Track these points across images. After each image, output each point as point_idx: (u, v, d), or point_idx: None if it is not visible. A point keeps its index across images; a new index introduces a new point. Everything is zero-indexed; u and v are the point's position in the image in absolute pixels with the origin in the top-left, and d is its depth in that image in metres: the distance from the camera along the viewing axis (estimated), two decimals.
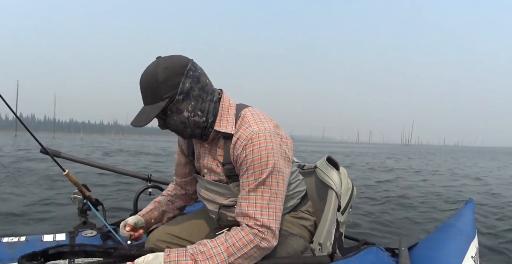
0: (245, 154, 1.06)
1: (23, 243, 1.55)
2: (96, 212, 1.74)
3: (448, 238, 1.60)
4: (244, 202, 1.07)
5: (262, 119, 1.12)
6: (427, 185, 7.16)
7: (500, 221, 3.95)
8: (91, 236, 1.67)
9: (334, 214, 1.31)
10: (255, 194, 1.06)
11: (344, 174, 1.41)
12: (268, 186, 1.06)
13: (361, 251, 1.45)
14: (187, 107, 1.07)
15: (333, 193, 1.33)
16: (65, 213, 3.59)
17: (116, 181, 5.89)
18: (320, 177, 1.40)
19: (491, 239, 3.17)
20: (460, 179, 8.79)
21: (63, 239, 1.62)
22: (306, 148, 35.29)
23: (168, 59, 1.05)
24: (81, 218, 1.77)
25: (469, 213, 1.87)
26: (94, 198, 1.82)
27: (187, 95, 1.06)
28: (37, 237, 1.62)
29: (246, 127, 1.09)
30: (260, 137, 1.06)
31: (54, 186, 5.45)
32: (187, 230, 1.36)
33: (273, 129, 1.11)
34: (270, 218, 1.05)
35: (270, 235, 1.05)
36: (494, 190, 6.64)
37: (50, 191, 5.02)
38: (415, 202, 4.98)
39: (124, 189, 5.24)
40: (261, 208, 1.05)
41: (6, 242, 1.54)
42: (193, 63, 1.08)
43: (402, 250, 1.51)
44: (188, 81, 1.05)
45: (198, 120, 1.09)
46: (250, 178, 1.07)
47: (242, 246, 1.03)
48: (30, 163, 8.87)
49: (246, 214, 1.06)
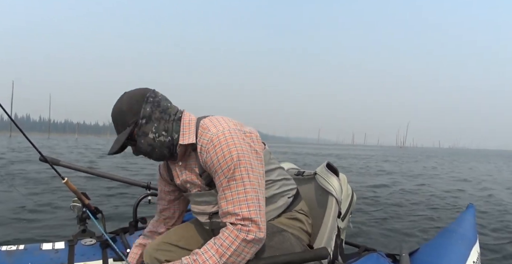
0: (210, 157, 1.10)
1: (22, 251, 1.54)
2: (95, 220, 1.73)
3: (449, 243, 1.59)
4: (222, 201, 1.09)
5: (220, 121, 1.17)
6: (428, 189, 7.15)
7: (501, 224, 3.93)
8: (90, 244, 1.66)
9: (335, 221, 1.31)
10: (229, 191, 1.08)
11: (344, 180, 1.42)
12: (240, 180, 1.07)
13: (361, 257, 1.44)
14: (151, 129, 1.15)
15: (334, 199, 1.33)
16: (64, 220, 3.57)
17: (115, 188, 5.86)
18: (320, 183, 1.40)
19: (493, 244, 3.16)
20: (459, 182, 8.80)
21: (62, 248, 1.61)
22: (302, 150, 35.25)
23: (131, 92, 1.19)
24: (80, 227, 1.76)
25: (470, 218, 1.86)
26: (94, 206, 1.81)
27: (149, 118, 1.15)
28: (36, 245, 1.61)
29: (205, 132, 1.14)
30: (219, 136, 1.10)
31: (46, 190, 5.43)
32: (185, 239, 1.36)
33: (232, 126, 1.14)
34: (250, 210, 1.05)
35: (254, 226, 1.04)
36: (494, 194, 6.63)
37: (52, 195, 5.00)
38: (415, 207, 4.97)
39: (124, 196, 5.22)
40: (239, 202, 1.06)
41: (4, 250, 1.53)
42: (154, 92, 1.19)
43: (403, 256, 1.51)
44: (148, 106, 1.15)
45: (164, 139, 1.16)
46: (221, 177, 1.09)
47: (230, 244, 1.03)
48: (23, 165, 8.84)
49: (227, 212, 1.08)
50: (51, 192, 5.33)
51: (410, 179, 9.50)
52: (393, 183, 8.25)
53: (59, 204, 4.40)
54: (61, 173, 1.58)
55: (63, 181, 1.70)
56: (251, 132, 1.19)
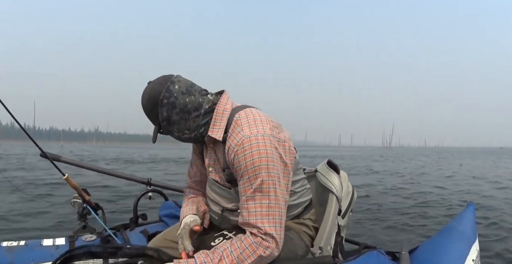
0: (238, 160, 1.06)
1: (23, 247, 1.54)
2: (96, 216, 1.73)
3: (449, 241, 1.59)
4: (244, 211, 1.07)
5: (257, 121, 1.10)
6: (426, 187, 7.16)
7: (500, 222, 3.93)
8: (90, 240, 1.66)
9: (335, 218, 1.31)
10: (253, 202, 1.05)
11: (344, 178, 1.41)
12: (266, 193, 1.04)
13: (362, 254, 1.44)
14: (174, 129, 1.17)
15: (334, 197, 1.33)
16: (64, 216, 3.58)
17: (115, 184, 5.88)
18: (320, 181, 1.40)
19: (492, 241, 3.16)
20: (456, 180, 8.79)
21: (63, 244, 1.61)
22: None
23: (149, 88, 1.15)
24: (80, 223, 1.76)
25: (469, 216, 1.87)
26: (94, 202, 1.81)
27: (169, 122, 1.15)
28: (37, 241, 1.61)
29: (238, 132, 1.09)
30: (251, 141, 1.05)
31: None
32: None
33: (268, 131, 1.08)
34: (271, 226, 1.04)
35: (274, 243, 1.04)
36: (490, 191, 6.63)
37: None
38: (414, 205, 4.98)
39: (124, 192, 5.23)
40: (261, 216, 1.04)
41: (5, 246, 1.53)
42: (168, 89, 1.12)
43: (403, 254, 1.51)
44: (164, 110, 1.13)
45: (189, 136, 1.18)
46: (246, 184, 1.06)
47: (246, 257, 1.02)
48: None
49: (248, 223, 1.06)
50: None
51: (399, 176, 9.52)
52: (377, 182, 8.25)
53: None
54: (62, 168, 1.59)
55: (63, 177, 1.70)
56: (285, 141, 1.14)
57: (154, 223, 1.91)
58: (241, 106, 1.19)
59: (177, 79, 1.15)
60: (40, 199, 4.78)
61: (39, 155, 1.81)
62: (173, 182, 1.78)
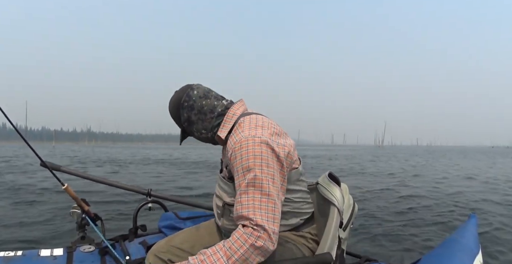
0: (234, 156, 1.14)
1: (20, 257, 1.53)
2: (94, 227, 1.72)
3: (452, 254, 1.58)
4: (238, 205, 1.10)
5: (258, 125, 1.19)
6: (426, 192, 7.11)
7: (503, 231, 3.89)
8: (89, 251, 1.65)
9: (336, 231, 1.30)
10: (246, 195, 1.08)
11: (345, 190, 1.41)
12: (259, 188, 1.08)
13: None
14: (193, 130, 1.31)
15: (335, 209, 1.32)
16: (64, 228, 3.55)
17: (115, 194, 5.85)
18: (322, 193, 1.39)
19: (496, 253, 3.13)
20: (456, 182, 8.73)
21: (61, 254, 1.60)
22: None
23: (174, 95, 1.32)
24: (79, 233, 1.75)
25: (472, 228, 1.85)
26: (93, 212, 1.80)
27: (189, 122, 1.30)
28: (34, 251, 1.60)
29: (239, 132, 1.19)
30: (248, 141, 1.13)
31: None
32: (189, 242, 1.37)
33: (267, 135, 1.15)
34: (263, 218, 1.05)
35: (266, 234, 1.04)
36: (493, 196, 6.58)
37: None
38: (414, 212, 4.93)
39: (124, 203, 5.20)
40: (254, 208, 1.06)
41: (2, 256, 1.52)
42: (188, 94, 1.29)
43: None
44: (185, 111, 1.29)
45: (206, 135, 1.31)
46: (240, 179, 1.11)
47: (238, 248, 1.03)
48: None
49: (241, 215, 1.08)
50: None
51: (390, 180, 9.49)
52: (391, 186, 8.20)
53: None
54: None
55: (63, 187, 1.70)
56: (285, 146, 1.17)
57: (154, 234, 1.89)
58: (251, 113, 1.29)
59: (196, 86, 1.32)
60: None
61: (39, 164, 1.81)
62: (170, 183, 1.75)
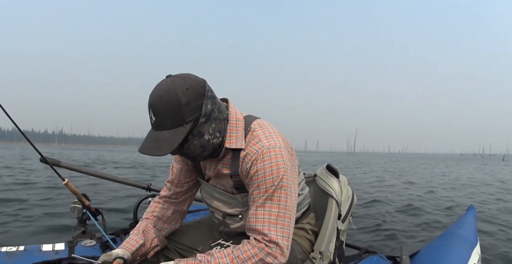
0: (256, 169, 1.05)
1: (22, 252, 1.54)
2: (95, 222, 1.73)
3: (450, 245, 1.59)
4: (252, 217, 1.06)
5: (272, 133, 1.11)
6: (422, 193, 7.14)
7: (501, 226, 3.91)
8: (90, 246, 1.66)
9: (335, 223, 1.31)
10: (263, 209, 1.05)
11: (344, 182, 1.41)
12: (276, 201, 1.04)
13: (362, 259, 1.44)
14: (208, 130, 1.04)
15: (334, 201, 1.33)
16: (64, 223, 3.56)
17: (115, 189, 5.87)
18: (320, 185, 1.40)
19: (494, 245, 3.14)
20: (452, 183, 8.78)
21: (62, 249, 1.61)
22: None
23: (184, 79, 1.00)
24: (80, 228, 1.76)
25: (470, 220, 1.87)
26: (94, 207, 1.81)
27: (209, 118, 1.03)
28: (36, 246, 1.61)
29: (256, 142, 1.08)
30: (270, 152, 1.05)
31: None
32: (190, 236, 1.37)
33: (282, 144, 1.10)
34: (278, 234, 1.03)
35: (278, 251, 1.02)
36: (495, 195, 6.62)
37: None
38: (415, 209, 4.96)
39: (124, 197, 5.22)
40: (269, 223, 1.03)
41: (5, 251, 1.53)
42: (207, 83, 1.05)
43: (403, 258, 1.51)
44: (209, 102, 1.02)
45: (216, 141, 1.07)
46: (261, 193, 1.06)
47: (246, 259, 1.01)
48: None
49: (255, 229, 1.05)
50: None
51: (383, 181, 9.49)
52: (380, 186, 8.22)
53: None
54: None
55: (63, 182, 1.71)
56: (292, 149, 1.17)
57: None
58: (251, 116, 1.18)
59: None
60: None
61: (39, 160, 1.82)
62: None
